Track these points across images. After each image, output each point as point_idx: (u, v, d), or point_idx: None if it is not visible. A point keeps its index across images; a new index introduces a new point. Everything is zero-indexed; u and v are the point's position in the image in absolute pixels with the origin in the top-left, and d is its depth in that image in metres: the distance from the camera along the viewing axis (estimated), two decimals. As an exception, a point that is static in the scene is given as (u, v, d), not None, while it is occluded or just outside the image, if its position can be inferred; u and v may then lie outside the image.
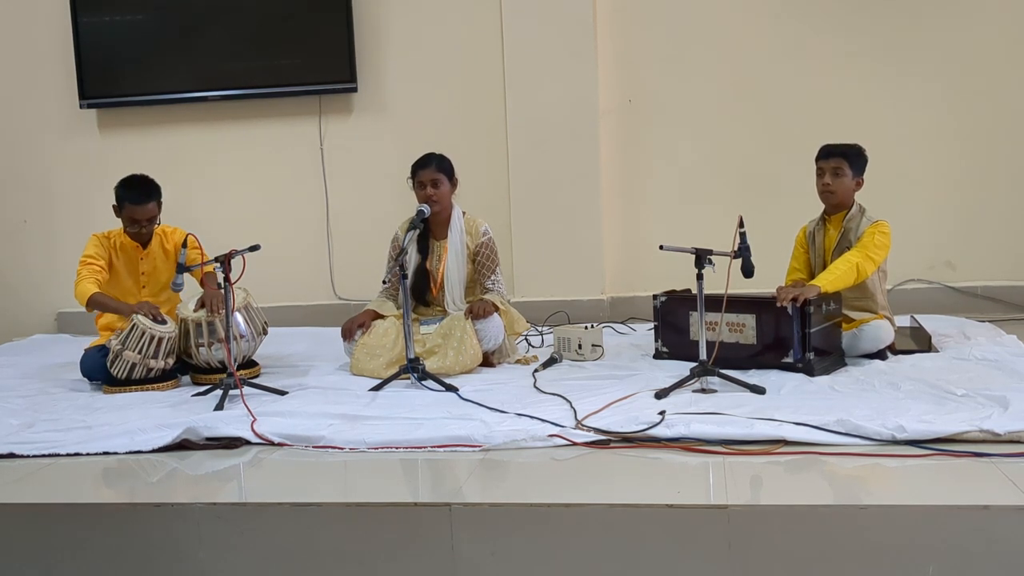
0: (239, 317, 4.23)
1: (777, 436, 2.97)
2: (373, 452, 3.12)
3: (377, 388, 3.94)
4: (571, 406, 3.43)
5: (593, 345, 4.39)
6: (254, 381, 4.09)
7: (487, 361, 4.30)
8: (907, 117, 5.50)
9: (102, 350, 4.28)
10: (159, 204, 4.42)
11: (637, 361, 4.31)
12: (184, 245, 4.07)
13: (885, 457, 2.83)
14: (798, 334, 3.84)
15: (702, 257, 3.68)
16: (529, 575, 2.55)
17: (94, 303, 4.26)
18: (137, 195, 4.33)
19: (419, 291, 4.46)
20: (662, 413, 3.21)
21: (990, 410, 3.06)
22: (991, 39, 5.41)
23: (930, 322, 4.66)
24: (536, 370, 4.18)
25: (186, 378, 4.36)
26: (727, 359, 3.79)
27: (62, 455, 3.25)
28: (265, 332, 4.43)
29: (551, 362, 4.31)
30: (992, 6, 5.39)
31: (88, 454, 3.25)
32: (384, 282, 4.54)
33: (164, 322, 4.23)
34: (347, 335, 4.37)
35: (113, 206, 4.43)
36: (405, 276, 4.11)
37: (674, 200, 5.75)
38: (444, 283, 4.45)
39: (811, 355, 3.82)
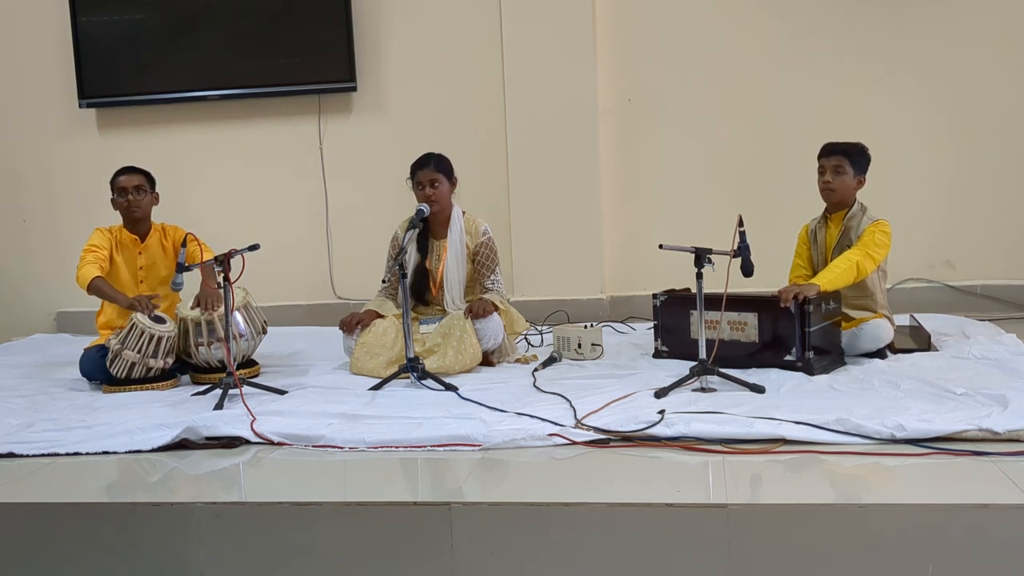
0: (238, 316, 4.24)
1: (777, 435, 2.97)
2: (373, 451, 3.11)
3: (377, 387, 3.94)
4: (571, 405, 3.43)
5: (592, 344, 4.39)
6: (254, 380, 4.09)
7: (487, 360, 4.30)
8: (906, 116, 5.50)
9: (101, 350, 4.28)
10: (151, 184, 4.56)
11: (637, 360, 4.31)
12: (184, 244, 4.08)
13: (885, 456, 2.83)
14: (798, 333, 3.84)
15: (701, 256, 3.68)
16: (529, 574, 2.55)
17: (94, 288, 4.29)
18: (123, 169, 4.56)
19: (419, 290, 4.46)
20: (662, 412, 3.21)
21: (989, 409, 3.06)
22: (988, 38, 5.41)
23: (929, 321, 4.66)
24: (536, 369, 4.18)
25: (185, 377, 4.36)
26: (726, 358, 3.79)
27: (61, 455, 3.25)
28: (264, 331, 4.43)
29: (550, 361, 4.31)
30: (988, 6, 5.39)
31: (88, 453, 3.25)
32: (384, 281, 4.54)
33: (163, 320, 4.23)
34: (347, 328, 4.37)
35: (111, 199, 4.53)
36: (405, 275, 4.11)
37: (673, 199, 5.75)
38: (444, 282, 4.45)
39: (811, 354, 3.82)
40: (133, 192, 4.46)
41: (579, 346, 4.39)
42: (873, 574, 2.40)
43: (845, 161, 4.07)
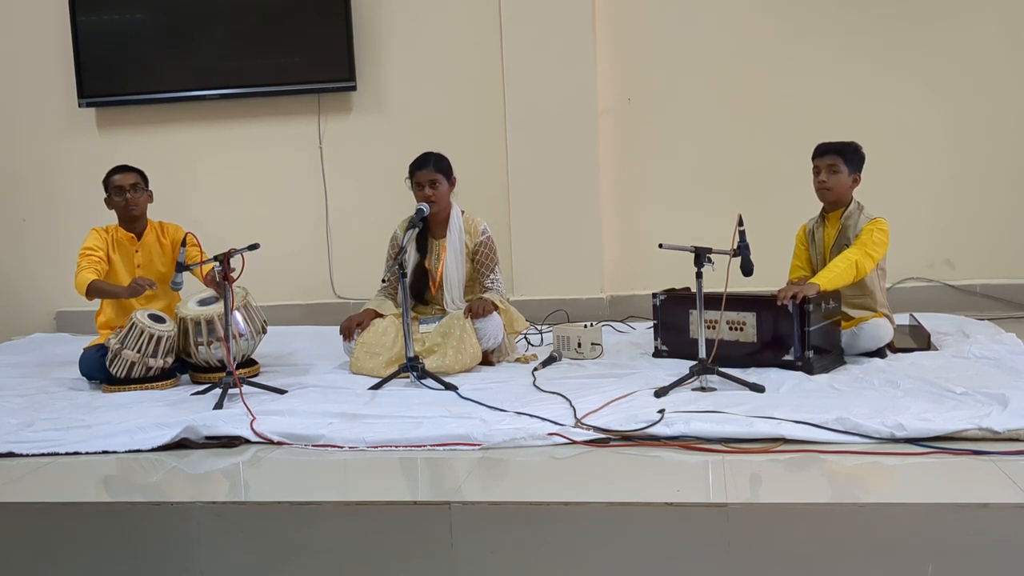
0: (238, 316, 4.23)
1: (776, 434, 2.97)
2: (373, 451, 3.11)
3: (376, 387, 3.94)
4: (570, 405, 3.43)
5: (592, 343, 4.39)
6: (253, 380, 4.09)
7: (486, 360, 4.30)
8: (906, 115, 5.50)
9: (101, 349, 4.28)
10: (145, 181, 4.56)
11: (636, 359, 4.31)
12: (184, 244, 4.08)
13: (884, 455, 2.83)
14: (798, 332, 3.84)
15: (701, 255, 3.68)
16: (529, 574, 2.55)
17: (93, 290, 4.29)
18: (119, 167, 4.56)
19: (418, 290, 4.46)
20: (661, 411, 3.21)
21: (989, 408, 3.06)
22: (990, 37, 5.41)
23: (929, 320, 4.66)
24: (535, 369, 4.18)
25: (185, 377, 4.35)
26: (726, 357, 3.79)
27: (61, 454, 3.25)
28: (264, 331, 4.43)
29: (550, 360, 4.31)
30: (991, 4, 5.39)
31: (87, 453, 3.25)
32: (383, 281, 4.54)
33: (163, 320, 4.23)
34: (346, 334, 4.37)
35: (104, 199, 4.54)
36: (404, 275, 4.11)
37: (673, 198, 5.75)
38: (443, 282, 4.45)
39: (810, 353, 3.82)
40: (131, 190, 4.47)
41: (579, 345, 4.39)
42: (873, 574, 2.40)
43: (839, 160, 4.07)
